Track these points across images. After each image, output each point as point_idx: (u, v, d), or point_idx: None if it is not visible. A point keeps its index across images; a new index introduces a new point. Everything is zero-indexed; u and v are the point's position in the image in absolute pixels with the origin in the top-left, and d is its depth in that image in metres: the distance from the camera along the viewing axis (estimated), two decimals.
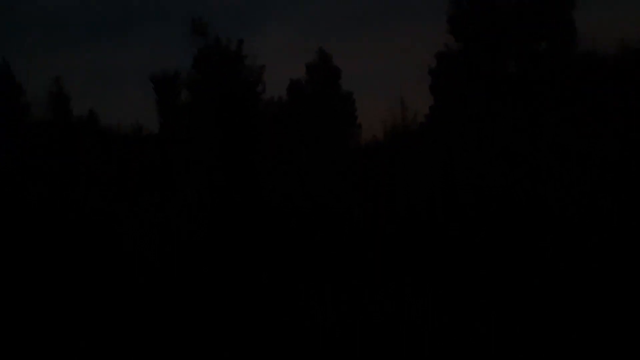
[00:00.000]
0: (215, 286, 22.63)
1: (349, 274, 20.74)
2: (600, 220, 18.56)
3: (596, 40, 26.98)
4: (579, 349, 15.72)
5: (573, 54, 26.51)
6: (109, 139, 34.94)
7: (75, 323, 21.45)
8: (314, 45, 39.88)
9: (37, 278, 23.85)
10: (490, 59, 26.85)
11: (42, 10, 75.20)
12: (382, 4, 68.66)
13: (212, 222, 26.34)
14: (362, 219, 24.61)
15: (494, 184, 21.82)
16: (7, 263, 24.41)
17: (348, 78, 38.05)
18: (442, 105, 29.89)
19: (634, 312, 15.94)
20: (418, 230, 22.65)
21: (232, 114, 33.56)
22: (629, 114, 21.26)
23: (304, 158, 32.01)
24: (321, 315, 17.81)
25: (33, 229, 25.89)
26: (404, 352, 17.11)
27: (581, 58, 26.69)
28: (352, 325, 17.84)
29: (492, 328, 16.51)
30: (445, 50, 29.97)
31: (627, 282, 16.82)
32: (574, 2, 27.93)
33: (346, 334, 17.80)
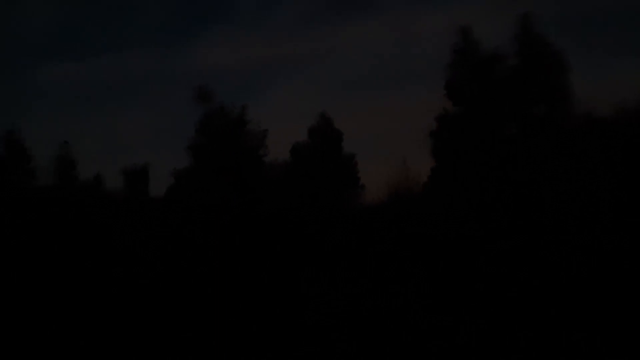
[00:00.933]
0: None
1: None
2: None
3: (592, 102, 27.65)
4: None
5: (571, 116, 27.11)
6: (113, 203, 35.23)
7: None
8: (316, 108, 40.78)
9: None
10: (489, 122, 27.47)
11: (52, 76, 77.28)
12: (382, 68, 70.62)
13: None
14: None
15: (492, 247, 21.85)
16: None
17: (350, 140, 38.74)
18: (443, 167, 30.27)
19: None
20: None
21: (232, 178, 34.08)
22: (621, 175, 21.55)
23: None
24: None
25: None
26: None
27: (579, 120, 27.28)
28: None
29: None
30: (445, 114, 30.69)
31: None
32: (568, 66, 28.87)
33: None
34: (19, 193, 33.01)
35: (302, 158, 38.40)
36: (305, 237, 29.84)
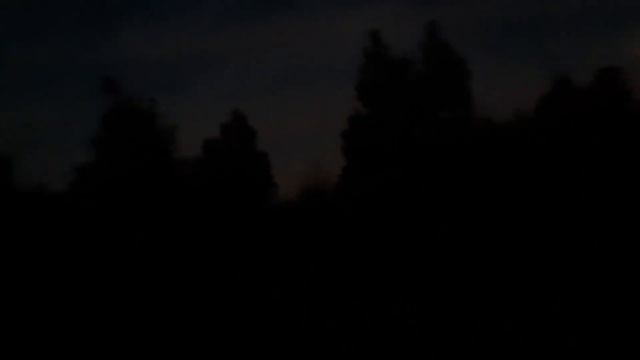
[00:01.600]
0: None
1: None
2: None
3: (492, 108, 29.48)
4: None
5: (472, 120, 28.75)
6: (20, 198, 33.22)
7: None
8: (232, 105, 40.59)
9: None
10: (397, 125, 28.58)
11: None
12: (295, 68, 71.09)
13: None
14: None
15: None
16: None
17: (266, 139, 38.87)
18: (354, 166, 31.14)
19: None
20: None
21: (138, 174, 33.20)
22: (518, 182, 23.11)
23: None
24: None
25: None
26: None
27: (479, 124, 28.97)
28: None
29: None
30: (356, 115, 31.58)
31: None
32: (469, 73, 30.55)
33: None
34: None
35: (214, 154, 38.13)
36: (217, 234, 29.66)
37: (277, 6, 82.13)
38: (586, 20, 64.39)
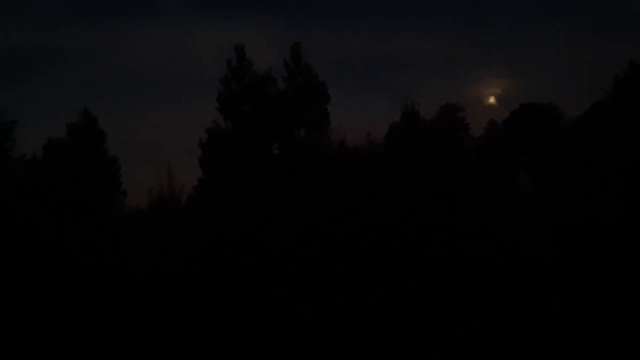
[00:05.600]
0: None
1: None
2: None
3: (346, 132, 30.97)
4: None
5: (327, 143, 29.96)
6: None
7: None
8: (81, 106, 38.08)
9: None
10: (256, 140, 28.86)
11: None
12: (158, 75, 68.31)
13: None
14: None
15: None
16: None
17: (115, 144, 36.95)
18: (210, 178, 30.81)
19: None
20: None
21: None
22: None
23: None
24: None
25: None
26: None
27: (333, 146, 30.29)
28: None
29: None
30: (215, 127, 31.34)
31: None
32: (328, 97, 31.87)
33: None
34: None
35: (59, 155, 35.45)
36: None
37: (137, 8, 78.99)
38: (434, 60, 70.64)
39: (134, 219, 31.09)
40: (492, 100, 52.78)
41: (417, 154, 29.91)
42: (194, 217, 29.19)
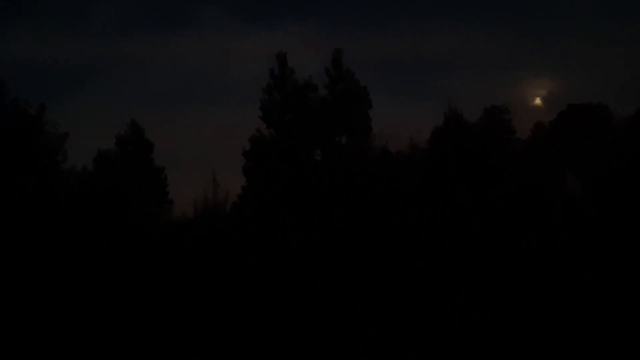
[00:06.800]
0: None
1: None
2: None
3: (388, 137, 30.81)
4: None
5: (369, 149, 29.90)
6: None
7: None
8: (127, 117, 39.35)
9: None
10: (298, 147, 29.10)
11: None
12: (200, 83, 69.75)
13: None
14: None
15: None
16: None
17: (162, 153, 37.92)
18: (254, 186, 31.23)
19: None
20: None
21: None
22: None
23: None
24: None
25: None
26: None
27: (376, 152, 30.15)
28: None
29: None
30: (258, 135, 31.82)
31: None
32: (370, 102, 31.92)
33: None
34: None
35: (108, 167, 36.64)
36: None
37: (176, 18, 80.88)
38: (476, 62, 69.64)
39: (180, 227, 31.76)
40: (537, 101, 51.54)
41: (461, 158, 29.48)
42: (238, 225, 29.58)
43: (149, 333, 16.61)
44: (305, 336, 13.66)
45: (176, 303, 19.68)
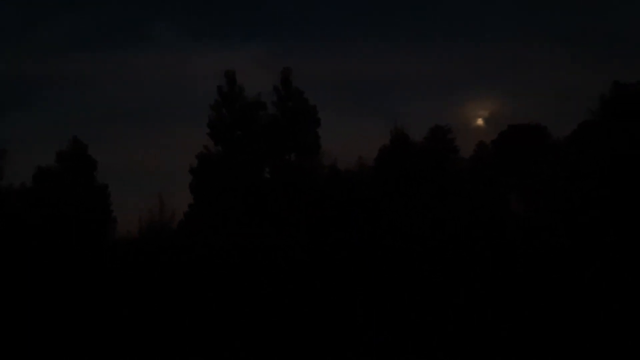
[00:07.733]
0: None
1: None
2: None
3: (336, 155, 31.08)
4: None
5: (318, 167, 30.03)
6: None
7: None
8: (70, 134, 38.10)
9: None
10: (247, 165, 28.90)
11: None
12: (146, 102, 68.52)
13: None
14: None
15: None
16: None
17: (106, 172, 36.75)
18: (201, 204, 30.74)
19: None
20: None
21: None
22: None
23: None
24: None
25: None
26: None
27: (324, 170, 30.32)
28: None
29: None
30: (206, 152, 31.39)
31: None
32: (319, 120, 32.08)
33: None
34: None
35: (48, 184, 35.27)
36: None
37: (129, 36, 79.66)
38: (422, 83, 71.74)
39: (124, 245, 30.84)
40: (480, 122, 53.35)
41: (407, 176, 30.02)
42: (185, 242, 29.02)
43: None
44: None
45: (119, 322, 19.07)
